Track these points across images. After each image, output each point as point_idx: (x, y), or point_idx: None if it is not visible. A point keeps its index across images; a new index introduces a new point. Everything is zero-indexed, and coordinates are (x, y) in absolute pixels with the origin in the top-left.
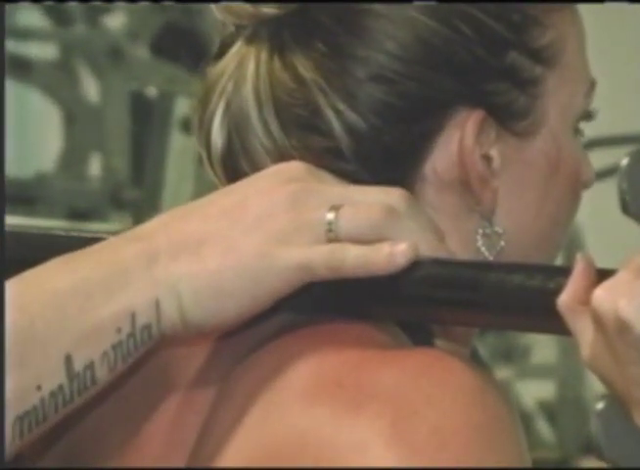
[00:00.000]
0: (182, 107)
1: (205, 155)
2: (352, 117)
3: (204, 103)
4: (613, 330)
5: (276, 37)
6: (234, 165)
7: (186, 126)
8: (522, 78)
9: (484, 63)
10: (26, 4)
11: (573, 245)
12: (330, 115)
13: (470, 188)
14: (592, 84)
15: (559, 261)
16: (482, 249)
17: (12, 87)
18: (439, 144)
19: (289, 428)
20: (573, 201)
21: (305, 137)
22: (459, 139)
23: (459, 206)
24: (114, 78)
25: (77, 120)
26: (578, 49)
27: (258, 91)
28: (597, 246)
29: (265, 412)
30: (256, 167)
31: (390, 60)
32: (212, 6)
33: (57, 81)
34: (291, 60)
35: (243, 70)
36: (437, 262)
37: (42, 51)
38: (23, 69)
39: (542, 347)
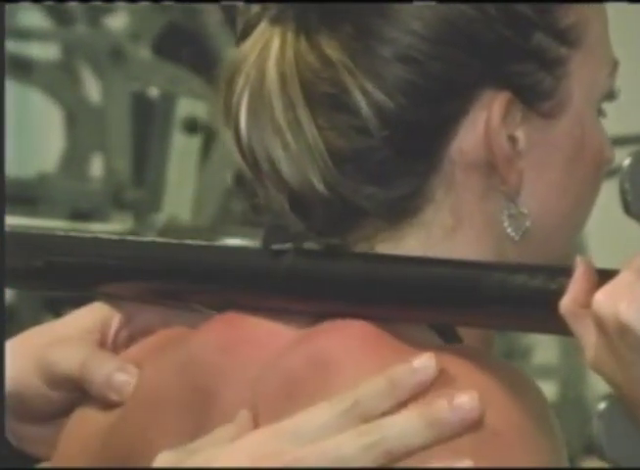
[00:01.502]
0: (184, 107)
1: (233, 140)
2: (380, 96)
3: (229, 85)
4: (614, 333)
5: (302, 18)
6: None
7: (188, 127)
8: (547, 59)
9: (510, 44)
10: (27, 4)
11: (574, 245)
12: (357, 94)
13: (495, 169)
14: (615, 64)
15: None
16: (509, 230)
17: (13, 87)
18: (466, 125)
19: None
20: (597, 180)
21: (333, 116)
22: (485, 120)
23: (484, 186)
24: (116, 79)
25: (79, 121)
26: (601, 29)
27: (283, 70)
28: (598, 246)
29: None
30: (267, 150)
31: (417, 40)
32: None
33: (58, 82)
34: (317, 41)
35: (268, 51)
36: (440, 262)
37: (43, 51)
38: (25, 69)
39: (544, 347)
